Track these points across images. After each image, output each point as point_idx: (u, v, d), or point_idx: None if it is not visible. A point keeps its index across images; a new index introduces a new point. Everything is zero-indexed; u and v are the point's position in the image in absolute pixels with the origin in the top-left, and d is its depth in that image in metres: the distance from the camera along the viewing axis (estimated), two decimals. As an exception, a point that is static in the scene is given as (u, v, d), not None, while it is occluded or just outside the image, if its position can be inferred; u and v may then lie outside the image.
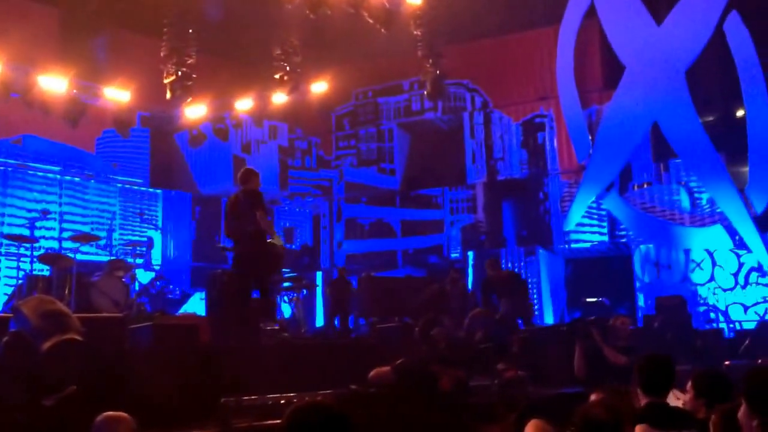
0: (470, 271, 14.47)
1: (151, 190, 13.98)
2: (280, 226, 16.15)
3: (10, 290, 10.77)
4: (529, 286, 13.22)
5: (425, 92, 12.36)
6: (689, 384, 3.63)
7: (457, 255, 15.20)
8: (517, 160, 15.06)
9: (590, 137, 14.19)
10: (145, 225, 13.38)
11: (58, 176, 12.59)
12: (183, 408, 5.01)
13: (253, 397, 5.21)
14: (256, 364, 6.17)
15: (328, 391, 5.36)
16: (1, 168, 11.99)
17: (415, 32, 11.67)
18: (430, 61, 11.49)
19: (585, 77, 14.30)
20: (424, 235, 15.74)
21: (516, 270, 13.77)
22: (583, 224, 14.24)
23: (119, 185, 13.49)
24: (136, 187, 13.70)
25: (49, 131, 12.43)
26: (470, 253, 14.80)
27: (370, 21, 10.58)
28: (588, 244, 14.26)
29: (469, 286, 13.91)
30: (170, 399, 5.02)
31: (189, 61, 9.81)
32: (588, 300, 13.42)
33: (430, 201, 15.82)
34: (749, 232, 12.63)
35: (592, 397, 3.72)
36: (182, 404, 5.05)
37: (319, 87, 13.03)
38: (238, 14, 12.05)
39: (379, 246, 16.17)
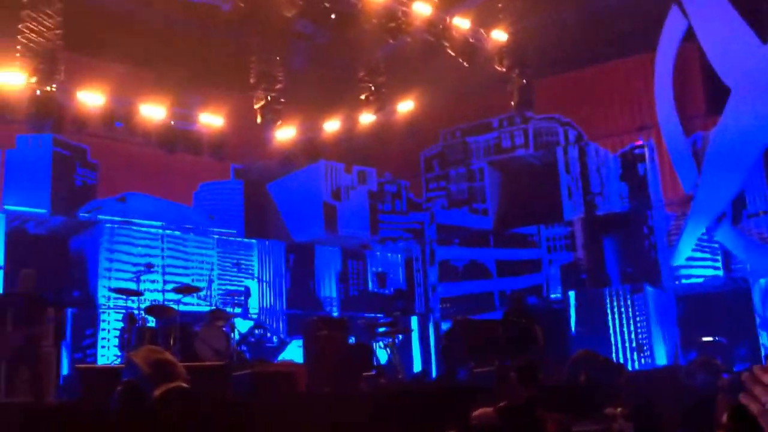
0: (572, 311, 13.80)
1: (246, 240, 14.25)
2: (371, 272, 16.06)
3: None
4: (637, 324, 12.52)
5: (512, 103, 11.65)
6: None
7: (558, 295, 14.57)
8: (616, 193, 14.39)
9: (696, 165, 13.41)
10: (242, 275, 13.62)
11: (160, 231, 13.10)
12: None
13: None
14: (356, 410, 5.97)
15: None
16: (108, 225, 12.61)
17: (500, 68, 11.43)
18: (517, 71, 11.12)
19: (686, 103, 13.61)
20: (521, 275, 15.20)
21: (621, 309, 13.07)
22: (694, 258, 13.36)
23: (216, 236, 13.84)
24: (232, 238, 14.01)
25: (150, 188, 13.12)
26: (571, 293, 14.14)
27: (452, 53, 10.43)
28: (701, 279, 13.33)
29: (572, 328, 13.25)
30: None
31: (277, 86, 9.95)
32: (704, 339, 12.46)
33: (525, 239, 15.32)
34: None
35: None
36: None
37: (406, 106, 12.88)
38: (322, 41, 12.16)
39: (474, 288, 15.74)
